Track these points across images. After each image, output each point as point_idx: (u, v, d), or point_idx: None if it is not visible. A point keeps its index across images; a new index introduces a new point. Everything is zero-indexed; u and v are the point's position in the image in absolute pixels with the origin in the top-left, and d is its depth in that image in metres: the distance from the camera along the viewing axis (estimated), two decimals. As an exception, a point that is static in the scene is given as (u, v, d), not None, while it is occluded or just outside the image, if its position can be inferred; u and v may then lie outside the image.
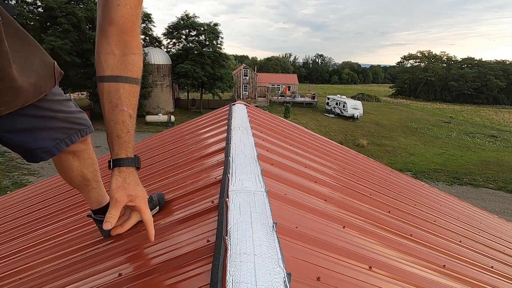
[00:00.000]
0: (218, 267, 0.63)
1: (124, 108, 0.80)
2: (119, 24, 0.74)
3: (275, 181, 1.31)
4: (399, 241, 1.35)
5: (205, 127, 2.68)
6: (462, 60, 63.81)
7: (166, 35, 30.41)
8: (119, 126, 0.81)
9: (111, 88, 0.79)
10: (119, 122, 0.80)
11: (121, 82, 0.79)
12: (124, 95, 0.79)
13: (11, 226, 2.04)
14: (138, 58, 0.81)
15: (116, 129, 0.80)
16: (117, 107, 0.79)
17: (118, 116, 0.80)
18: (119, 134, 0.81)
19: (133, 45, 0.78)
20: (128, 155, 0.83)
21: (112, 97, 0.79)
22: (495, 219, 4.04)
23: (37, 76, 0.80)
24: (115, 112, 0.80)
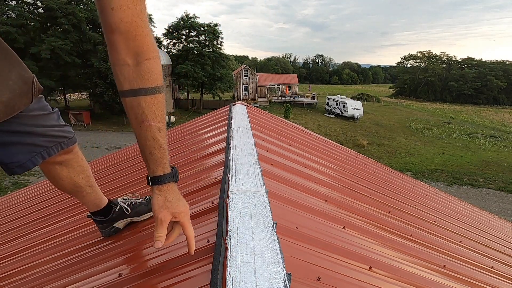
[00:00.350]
0: (218, 267, 0.63)
1: (151, 122, 0.75)
2: (121, 31, 0.67)
3: (275, 182, 1.31)
4: (399, 241, 1.35)
5: (205, 128, 2.68)
6: (462, 60, 63.80)
7: (166, 35, 30.42)
8: (149, 143, 0.76)
9: (133, 103, 0.74)
10: (149, 139, 0.76)
11: (141, 96, 0.73)
12: (147, 109, 0.74)
13: (12, 226, 2.04)
14: (154, 62, 0.74)
15: (147, 146, 0.77)
16: (144, 123, 0.75)
17: (147, 132, 0.75)
18: (152, 151, 0.77)
19: (144, 50, 0.71)
20: (165, 171, 0.78)
21: (136, 112, 0.74)
22: (495, 220, 4.03)
23: (11, 93, 0.75)
24: (143, 128, 0.75)
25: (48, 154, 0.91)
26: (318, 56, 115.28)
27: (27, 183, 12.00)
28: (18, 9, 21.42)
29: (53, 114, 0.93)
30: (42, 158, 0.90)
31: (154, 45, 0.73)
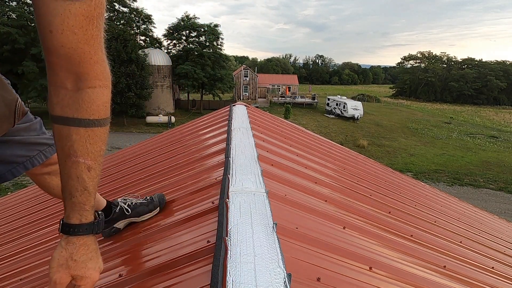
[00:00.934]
0: (219, 267, 0.63)
1: (80, 159, 0.60)
2: (61, 55, 0.54)
3: (275, 182, 1.31)
4: (400, 241, 1.35)
5: (205, 128, 2.68)
6: (462, 60, 63.79)
7: (167, 36, 30.45)
8: (72, 183, 0.61)
9: (62, 133, 0.60)
10: (72, 177, 0.61)
11: (73, 126, 0.59)
12: (78, 142, 0.60)
13: (12, 227, 2.04)
14: (100, 91, 0.60)
15: (68, 186, 0.62)
16: (70, 158, 0.60)
17: (72, 169, 0.61)
18: (73, 192, 0.61)
19: (90, 76, 0.57)
20: (82, 221, 0.63)
21: (63, 144, 0.60)
22: (495, 220, 4.03)
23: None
24: (68, 163, 0.61)
25: (31, 164, 0.86)
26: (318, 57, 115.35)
27: (27, 183, 12.02)
28: (18, 10, 21.45)
29: (35, 124, 0.88)
30: (24, 169, 0.85)
31: (104, 73, 0.60)
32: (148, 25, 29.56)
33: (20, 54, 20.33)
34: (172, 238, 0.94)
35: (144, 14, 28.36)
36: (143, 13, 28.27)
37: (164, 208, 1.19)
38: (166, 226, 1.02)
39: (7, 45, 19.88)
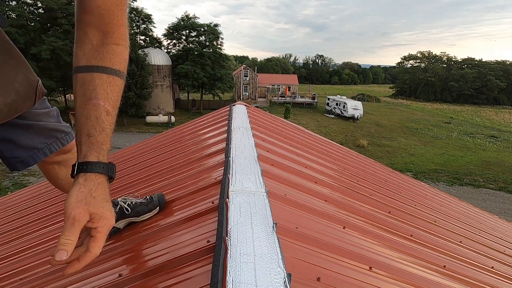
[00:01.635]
0: (218, 267, 0.63)
1: (100, 102, 0.63)
2: (95, 14, 0.62)
3: (275, 182, 1.31)
4: (399, 241, 1.35)
5: (205, 128, 2.68)
6: (462, 60, 63.79)
7: (166, 35, 30.44)
8: (91, 123, 0.62)
9: (86, 79, 0.64)
10: (91, 118, 0.62)
11: (97, 72, 0.64)
12: (100, 86, 0.64)
13: (12, 227, 2.04)
14: (122, 49, 0.67)
15: (86, 126, 0.62)
16: (90, 101, 0.63)
17: (92, 111, 0.63)
18: (90, 131, 0.62)
19: (115, 35, 0.65)
20: (100, 159, 0.62)
21: (85, 89, 0.63)
22: (495, 220, 4.03)
23: (15, 95, 0.74)
24: (88, 106, 0.63)
25: (49, 151, 0.90)
26: (318, 57, 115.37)
27: (27, 183, 12.01)
28: (18, 9, 21.44)
29: (53, 112, 0.93)
30: (44, 155, 0.89)
31: (126, 36, 0.68)
32: (148, 24, 29.54)
33: (20, 53, 20.32)
34: (172, 238, 0.94)
35: (144, 13, 28.33)
36: (143, 12, 28.24)
37: (164, 208, 1.19)
38: (166, 226, 1.02)
39: (7, 44, 19.88)
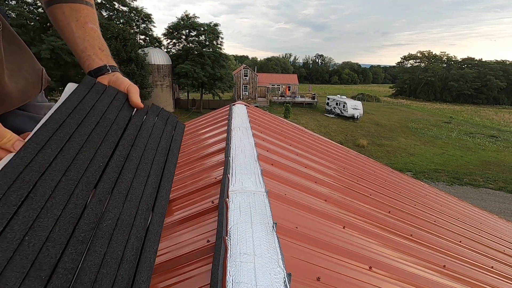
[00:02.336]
0: (218, 267, 0.63)
1: (94, 27, 0.76)
2: None
3: (275, 181, 1.31)
4: (399, 241, 1.35)
5: (205, 127, 2.68)
6: (462, 60, 63.77)
7: (166, 35, 30.39)
8: (98, 41, 0.76)
9: (74, 7, 0.74)
10: (96, 38, 0.76)
11: (81, 3, 0.76)
12: (89, 14, 0.77)
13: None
14: None
15: (95, 42, 0.75)
16: (87, 25, 0.75)
17: (92, 32, 0.75)
18: (101, 46, 0.77)
19: None
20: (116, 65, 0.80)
21: (78, 15, 0.74)
22: (495, 219, 4.03)
23: (25, 81, 0.79)
24: (87, 29, 0.75)
25: None
26: (318, 56, 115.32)
27: (27, 183, 11.99)
28: (18, 9, 21.41)
29: (52, 106, 0.95)
30: None
31: None
32: (148, 24, 29.51)
33: (19, 53, 20.31)
34: (171, 237, 0.94)
35: (144, 13, 28.31)
36: (143, 12, 28.22)
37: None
38: (166, 226, 1.02)
39: (6, 44, 19.86)
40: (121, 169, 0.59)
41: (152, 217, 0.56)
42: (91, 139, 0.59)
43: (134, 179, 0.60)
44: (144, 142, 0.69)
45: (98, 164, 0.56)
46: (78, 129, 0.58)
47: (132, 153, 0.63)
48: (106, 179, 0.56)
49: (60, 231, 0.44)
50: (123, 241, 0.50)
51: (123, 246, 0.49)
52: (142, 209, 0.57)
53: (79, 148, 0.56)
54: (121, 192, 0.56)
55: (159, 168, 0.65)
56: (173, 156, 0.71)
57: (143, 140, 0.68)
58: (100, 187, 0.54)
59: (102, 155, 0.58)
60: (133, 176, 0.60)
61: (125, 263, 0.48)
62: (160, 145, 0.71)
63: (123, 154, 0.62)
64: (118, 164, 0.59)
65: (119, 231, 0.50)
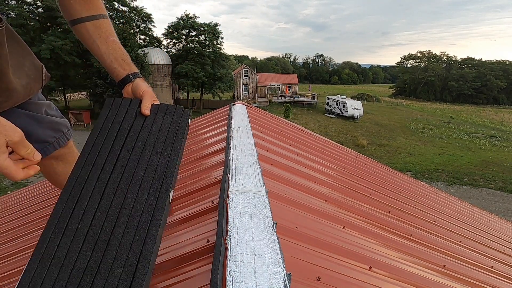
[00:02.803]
0: (218, 267, 0.63)
1: (115, 38, 0.86)
2: None
3: (275, 181, 1.31)
4: (399, 241, 1.35)
5: (205, 127, 2.68)
6: (462, 60, 63.72)
7: (166, 35, 30.38)
8: (120, 52, 0.86)
9: (96, 24, 0.84)
10: (117, 50, 0.86)
11: (101, 19, 0.85)
12: (108, 27, 0.86)
13: (12, 226, 2.04)
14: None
15: (119, 54, 0.86)
16: (108, 38, 0.85)
17: (115, 45, 0.85)
18: (123, 57, 0.86)
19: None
20: (137, 70, 0.89)
21: (101, 32, 0.84)
22: (495, 219, 4.04)
23: (27, 77, 0.82)
24: (109, 42, 0.85)
25: (58, 144, 0.95)
26: (318, 56, 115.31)
27: (27, 183, 12.00)
28: (18, 9, 21.39)
29: (52, 104, 0.99)
30: (54, 149, 0.94)
31: None
32: (147, 24, 29.52)
33: (19, 53, 20.29)
34: (171, 237, 0.94)
35: (143, 13, 28.31)
36: (142, 12, 28.22)
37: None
38: (166, 225, 1.01)
39: (6, 44, 19.85)
40: (134, 170, 0.71)
41: (151, 219, 0.63)
42: (114, 148, 0.74)
43: (146, 172, 0.72)
44: (154, 140, 0.79)
45: (120, 166, 0.71)
46: (104, 143, 0.75)
47: (143, 153, 0.76)
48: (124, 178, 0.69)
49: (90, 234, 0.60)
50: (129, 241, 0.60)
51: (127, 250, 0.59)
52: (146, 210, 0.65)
53: (105, 158, 0.72)
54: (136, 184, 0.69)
55: (164, 160, 0.75)
56: (178, 143, 0.80)
57: (152, 138, 0.79)
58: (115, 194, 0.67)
59: (122, 160, 0.73)
60: (145, 169, 0.72)
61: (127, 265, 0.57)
62: (168, 137, 0.81)
63: (137, 152, 0.75)
64: (134, 162, 0.73)
65: (135, 209, 0.64)
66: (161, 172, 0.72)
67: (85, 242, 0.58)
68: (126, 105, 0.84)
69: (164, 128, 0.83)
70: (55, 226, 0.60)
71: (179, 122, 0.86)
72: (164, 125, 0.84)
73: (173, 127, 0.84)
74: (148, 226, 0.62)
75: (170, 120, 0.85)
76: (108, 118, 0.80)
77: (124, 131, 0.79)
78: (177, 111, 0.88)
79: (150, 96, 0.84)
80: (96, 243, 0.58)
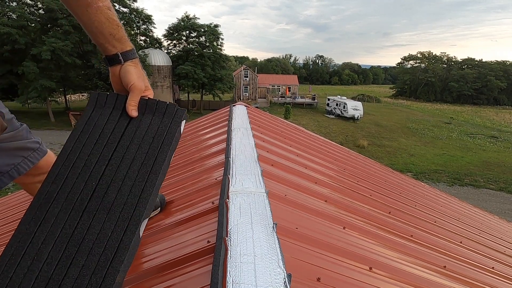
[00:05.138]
0: (219, 268, 0.63)
1: (99, 3, 0.69)
2: None
3: (275, 182, 1.31)
4: (399, 241, 1.35)
5: (205, 128, 2.68)
6: (462, 60, 63.67)
7: (167, 36, 30.44)
8: (106, 25, 0.70)
9: None
10: (104, 21, 0.70)
11: None
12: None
13: (12, 227, 2.04)
14: None
15: (105, 29, 0.70)
16: (91, 6, 0.68)
17: (98, 15, 0.69)
18: (112, 31, 0.71)
19: None
20: (132, 46, 0.76)
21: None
22: (495, 220, 4.03)
23: None
24: (91, 12, 0.68)
25: (17, 172, 0.85)
26: (318, 57, 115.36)
27: (27, 184, 11.99)
28: (19, 10, 21.45)
29: (21, 131, 0.87)
30: (10, 178, 0.85)
31: None
32: (148, 25, 29.56)
33: (20, 54, 20.33)
34: (172, 238, 0.94)
35: (144, 14, 28.35)
36: (143, 13, 28.27)
37: (164, 208, 1.20)
38: (166, 226, 1.02)
39: (7, 45, 19.89)
40: (108, 186, 0.64)
41: (112, 259, 0.57)
42: (89, 161, 0.67)
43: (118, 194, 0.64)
44: (134, 151, 0.69)
45: (91, 184, 0.64)
46: (80, 153, 0.68)
47: (120, 168, 0.67)
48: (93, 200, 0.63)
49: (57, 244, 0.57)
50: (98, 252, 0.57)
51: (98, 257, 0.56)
52: (120, 224, 0.60)
53: (78, 172, 0.65)
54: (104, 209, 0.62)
55: (142, 180, 0.65)
56: (162, 155, 0.69)
57: (133, 148, 0.70)
58: (88, 207, 0.62)
59: (95, 176, 0.65)
60: (117, 191, 0.64)
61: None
62: (151, 147, 0.70)
63: (113, 168, 0.67)
64: (107, 181, 0.65)
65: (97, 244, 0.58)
66: (135, 196, 0.63)
67: (38, 279, 0.53)
68: (111, 103, 0.74)
69: (149, 134, 0.72)
70: (13, 253, 0.55)
71: (168, 126, 0.74)
72: (150, 130, 0.73)
73: (160, 132, 0.73)
74: (106, 269, 0.54)
75: (159, 123, 0.74)
76: (91, 119, 0.72)
77: (104, 137, 0.70)
78: (168, 111, 0.76)
79: (139, 91, 0.74)
80: (48, 282, 0.52)
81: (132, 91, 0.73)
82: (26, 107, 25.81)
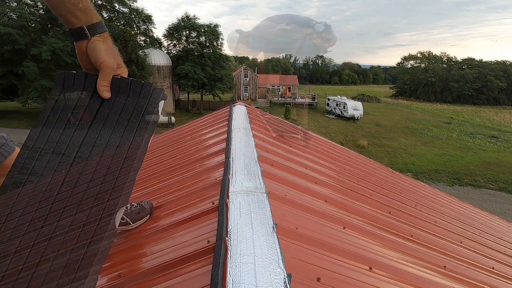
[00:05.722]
0: (219, 268, 0.63)
1: None
2: None
3: (275, 182, 1.31)
4: (400, 241, 1.35)
5: (205, 128, 2.68)
6: (462, 60, 63.66)
7: (167, 36, 30.46)
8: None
9: None
10: None
11: None
12: None
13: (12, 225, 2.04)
14: None
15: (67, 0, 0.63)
16: None
17: None
18: (76, 1, 0.63)
19: None
20: (100, 19, 0.67)
21: None
22: (496, 220, 4.03)
23: None
24: None
25: None
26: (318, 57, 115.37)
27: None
28: (19, 10, 21.47)
29: None
30: None
31: None
32: (148, 25, 29.58)
33: (20, 54, 20.34)
34: (172, 238, 0.94)
35: (144, 14, 28.37)
36: (143, 13, 28.28)
37: (163, 209, 1.20)
38: (166, 226, 1.02)
39: (7, 45, 19.91)
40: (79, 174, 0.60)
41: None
42: (58, 147, 0.62)
43: (90, 182, 0.60)
44: (108, 134, 0.64)
45: (61, 173, 0.60)
46: (48, 139, 0.62)
47: (92, 152, 0.62)
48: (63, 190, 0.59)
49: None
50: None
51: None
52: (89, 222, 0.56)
53: (47, 160, 0.60)
54: (76, 199, 0.58)
55: (116, 169, 0.61)
56: (138, 140, 0.63)
57: (107, 131, 0.65)
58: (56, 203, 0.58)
59: (65, 163, 0.60)
60: (89, 179, 0.60)
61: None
62: (126, 129, 0.65)
63: (84, 154, 0.62)
64: (78, 168, 0.60)
65: (69, 237, 0.54)
66: (109, 183, 0.58)
67: (5, 278, 0.48)
68: (80, 84, 0.66)
69: (123, 117, 0.66)
70: None
71: (144, 107, 0.67)
72: (125, 112, 0.66)
73: (135, 114, 0.66)
74: (79, 263, 0.50)
75: (134, 105, 0.67)
76: (59, 102, 0.65)
77: (74, 122, 0.64)
78: (143, 90, 0.69)
79: (110, 70, 0.66)
80: (16, 279, 0.47)
81: (102, 70, 0.66)
82: (26, 107, 25.79)
